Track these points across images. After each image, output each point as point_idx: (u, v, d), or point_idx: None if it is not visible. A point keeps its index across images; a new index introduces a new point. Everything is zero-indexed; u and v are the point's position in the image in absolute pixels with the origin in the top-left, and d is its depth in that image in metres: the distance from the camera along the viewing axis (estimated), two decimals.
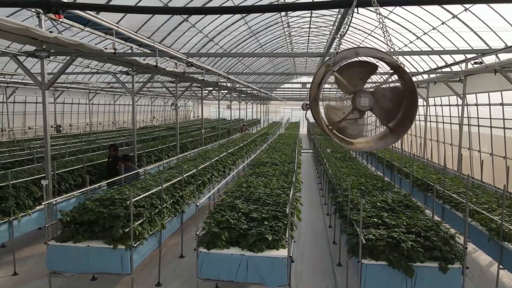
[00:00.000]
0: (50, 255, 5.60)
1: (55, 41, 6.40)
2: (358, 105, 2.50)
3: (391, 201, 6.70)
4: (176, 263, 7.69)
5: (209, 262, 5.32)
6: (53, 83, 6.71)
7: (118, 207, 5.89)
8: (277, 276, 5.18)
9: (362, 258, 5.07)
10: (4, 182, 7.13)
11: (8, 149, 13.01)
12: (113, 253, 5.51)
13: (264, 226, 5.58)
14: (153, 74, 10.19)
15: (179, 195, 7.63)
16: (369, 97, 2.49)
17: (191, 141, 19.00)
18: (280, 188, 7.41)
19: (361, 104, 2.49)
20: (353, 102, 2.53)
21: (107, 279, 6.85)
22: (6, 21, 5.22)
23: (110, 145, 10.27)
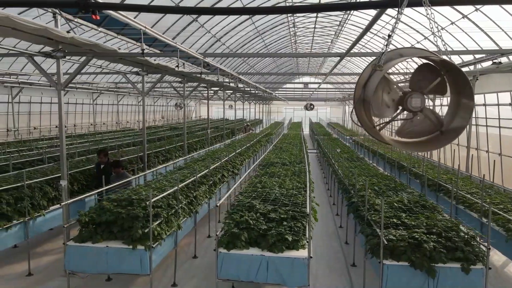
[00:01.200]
0: (68, 256, 5.59)
1: (71, 42, 6.40)
2: (409, 105, 2.48)
3: (407, 202, 6.68)
4: (190, 263, 7.68)
5: (228, 262, 5.31)
6: (69, 83, 6.70)
7: (136, 207, 5.88)
8: (298, 277, 5.17)
9: (383, 258, 5.06)
10: (19, 182, 7.12)
11: (17, 149, 13.01)
12: (132, 254, 5.50)
13: (283, 226, 5.57)
14: (163, 75, 10.17)
15: (193, 195, 7.62)
16: (421, 98, 2.48)
17: (197, 141, 19.00)
18: (295, 189, 7.40)
19: (413, 104, 2.47)
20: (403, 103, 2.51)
21: (123, 280, 6.85)
22: (26, 21, 5.21)
23: (100, 150, 9.15)
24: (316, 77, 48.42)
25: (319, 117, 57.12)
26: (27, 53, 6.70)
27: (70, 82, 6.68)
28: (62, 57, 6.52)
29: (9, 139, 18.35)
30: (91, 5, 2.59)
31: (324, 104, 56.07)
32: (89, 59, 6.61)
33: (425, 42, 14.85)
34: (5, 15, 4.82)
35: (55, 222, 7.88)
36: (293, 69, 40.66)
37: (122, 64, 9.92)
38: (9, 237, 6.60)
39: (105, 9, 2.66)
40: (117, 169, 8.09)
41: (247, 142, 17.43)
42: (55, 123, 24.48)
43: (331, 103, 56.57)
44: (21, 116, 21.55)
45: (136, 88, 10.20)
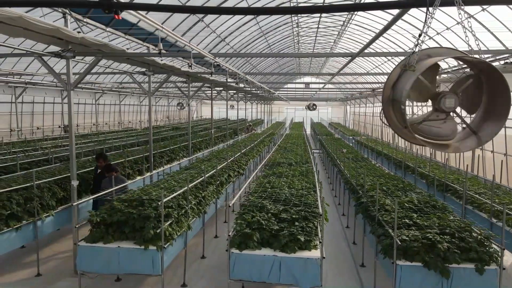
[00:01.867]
0: (80, 256, 5.59)
1: (81, 42, 6.39)
2: (443, 106, 2.47)
3: (417, 202, 6.67)
4: (198, 263, 7.67)
5: (241, 263, 5.30)
6: (78, 84, 6.70)
7: (147, 207, 5.87)
8: (310, 277, 5.17)
9: (396, 259, 5.05)
10: (28, 182, 7.11)
11: (22, 149, 13.00)
12: (144, 254, 5.49)
13: (295, 227, 5.56)
14: (169, 75, 10.16)
15: (201, 195, 7.61)
16: (455, 98, 2.47)
17: (200, 141, 19.00)
18: (304, 189, 7.39)
19: (446, 105, 2.46)
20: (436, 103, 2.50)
21: (132, 280, 6.84)
22: (39, 21, 5.20)
23: (98, 154, 8.80)
24: (318, 77, 48.45)
25: (320, 117, 57.08)
26: (37, 53, 6.69)
27: (80, 82, 6.67)
28: (72, 57, 6.51)
29: (12, 139, 18.34)
30: (114, 5, 2.58)
31: (325, 104, 56.07)
32: (99, 59, 6.60)
33: (430, 42, 14.83)
34: (18, 15, 4.81)
35: (63, 222, 7.88)
36: (295, 69, 40.64)
37: (128, 64, 9.89)
38: (19, 237, 6.59)
39: (128, 9, 2.67)
40: (109, 173, 7.69)
41: (250, 142, 17.42)
42: (57, 123, 24.49)
43: (332, 103, 56.57)
44: (24, 116, 21.55)
45: (142, 88, 10.18)
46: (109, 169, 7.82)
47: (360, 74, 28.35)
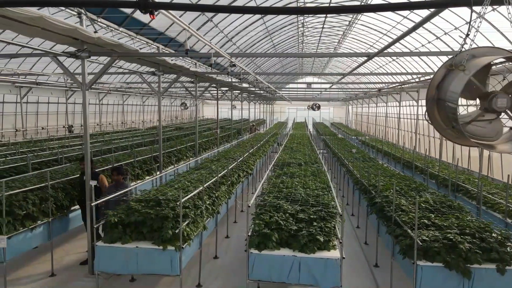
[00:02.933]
0: (98, 256, 5.58)
1: (96, 42, 6.38)
2: (495, 106, 2.46)
3: (432, 202, 6.66)
4: (211, 264, 7.66)
5: (260, 263, 5.29)
6: (93, 84, 6.69)
7: (164, 208, 5.86)
8: (330, 277, 5.16)
9: (417, 259, 5.04)
10: (42, 183, 7.11)
11: (29, 150, 12.99)
12: (163, 254, 5.49)
13: (313, 227, 5.56)
14: (179, 75, 10.15)
15: (215, 195, 7.61)
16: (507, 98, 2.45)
17: (206, 141, 19.01)
18: (319, 189, 7.38)
19: (498, 105, 2.45)
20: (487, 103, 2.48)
21: (146, 280, 6.84)
22: (58, 21, 5.20)
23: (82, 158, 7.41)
24: (319, 77, 48.44)
25: (322, 117, 57.05)
26: (52, 53, 6.68)
27: (95, 82, 6.66)
28: (87, 57, 6.50)
29: (17, 139, 18.34)
30: (150, 5, 2.57)
31: (327, 104, 56.04)
32: (114, 59, 6.59)
33: (437, 42, 14.83)
34: (39, 15, 4.80)
35: (76, 222, 7.88)
36: (297, 69, 40.63)
37: (137, 64, 9.88)
38: (34, 237, 6.59)
39: (163, 8, 2.66)
40: (117, 177, 6.97)
41: (256, 142, 17.41)
42: (61, 123, 24.49)
43: (334, 103, 56.55)
44: (29, 116, 21.55)
45: (152, 88, 10.18)
46: (119, 172, 7.11)
47: (364, 74, 28.28)
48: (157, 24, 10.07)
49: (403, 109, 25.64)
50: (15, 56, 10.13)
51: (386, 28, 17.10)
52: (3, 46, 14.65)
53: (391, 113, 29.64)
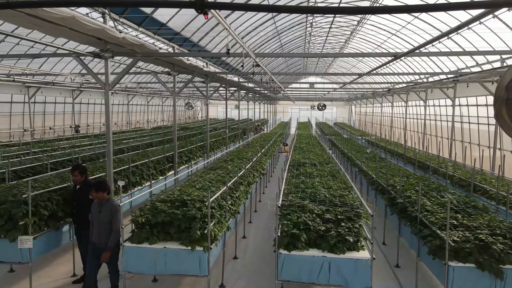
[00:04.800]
0: (126, 257, 5.57)
1: (121, 42, 6.38)
2: None
3: (456, 202, 6.65)
4: (232, 264, 7.65)
5: (290, 264, 5.28)
6: (116, 84, 6.68)
7: (191, 208, 5.85)
8: (361, 278, 5.15)
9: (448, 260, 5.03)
10: (62, 183, 7.10)
11: (41, 150, 12.99)
12: (191, 255, 5.48)
13: (341, 227, 5.55)
14: (194, 75, 10.14)
15: (235, 195, 7.60)
16: None
17: (214, 142, 18.99)
18: (341, 189, 7.37)
19: None
20: None
21: (169, 280, 6.83)
22: (87, 20, 5.19)
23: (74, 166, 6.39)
24: (323, 77, 48.41)
25: (325, 117, 57.06)
26: (76, 52, 6.67)
27: (118, 82, 6.65)
28: (111, 57, 6.50)
29: (26, 139, 18.33)
30: (207, 5, 2.57)
31: (330, 104, 56.04)
32: (138, 59, 6.59)
33: (447, 41, 14.80)
34: (71, 15, 4.80)
35: None
36: (301, 69, 40.62)
37: (152, 64, 9.87)
38: (58, 237, 6.60)
39: (218, 8, 2.64)
40: (98, 194, 5.57)
41: (265, 142, 17.40)
42: (68, 123, 24.50)
43: (337, 103, 56.55)
44: (36, 116, 21.55)
45: (166, 88, 10.16)
46: (99, 188, 5.59)
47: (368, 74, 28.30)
48: (174, 24, 10.07)
49: (410, 109, 25.63)
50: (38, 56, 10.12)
51: (396, 28, 17.07)
52: (12, 46, 14.68)
53: (397, 113, 29.63)
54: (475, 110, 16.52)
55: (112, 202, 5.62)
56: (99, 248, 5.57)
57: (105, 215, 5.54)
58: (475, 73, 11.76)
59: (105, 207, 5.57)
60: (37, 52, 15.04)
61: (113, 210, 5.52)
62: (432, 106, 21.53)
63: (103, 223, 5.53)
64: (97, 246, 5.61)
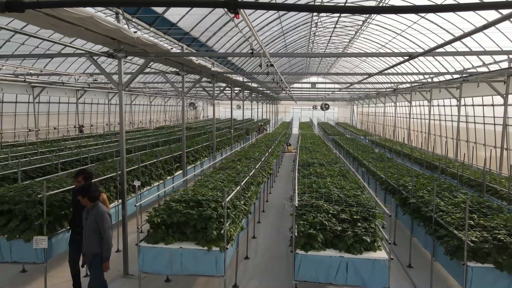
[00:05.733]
0: (142, 257, 5.56)
1: (135, 42, 6.37)
2: None
3: (470, 202, 6.63)
4: (244, 264, 7.64)
5: (307, 264, 5.27)
6: (130, 84, 6.67)
7: (206, 208, 5.85)
8: (378, 278, 5.14)
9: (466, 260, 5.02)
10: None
11: (48, 150, 12.98)
12: (208, 255, 5.46)
13: (358, 227, 5.54)
14: (202, 75, 10.14)
15: (247, 195, 7.60)
16: None
17: (219, 142, 18.98)
18: (354, 189, 7.36)
19: None
20: None
21: (181, 281, 6.82)
22: (105, 20, 5.18)
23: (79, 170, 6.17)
24: (325, 77, 48.43)
25: (326, 117, 57.05)
26: (90, 52, 6.66)
27: (131, 82, 6.64)
28: (124, 57, 6.48)
29: (31, 139, 18.33)
30: (240, 4, 2.56)
31: (331, 104, 55.99)
32: (151, 59, 6.57)
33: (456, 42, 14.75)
34: (90, 15, 4.79)
35: None
36: (304, 69, 40.64)
37: (161, 64, 9.87)
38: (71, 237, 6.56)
39: (252, 8, 2.64)
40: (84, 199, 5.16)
41: (271, 142, 17.39)
42: (72, 123, 24.52)
43: (339, 103, 56.54)
44: (40, 116, 21.55)
45: (175, 88, 10.15)
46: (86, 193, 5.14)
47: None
48: (184, 24, 10.07)
49: (413, 109, 25.61)
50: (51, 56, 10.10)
51: (401, 28, 17.06)
52: (17, 46, 14.68)
53: (400, 113, 29.62)
54: (481, 110, 16.51)
55: (97, 209, 5.11)
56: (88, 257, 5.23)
57: (90, 223, 5.09)
58: (486, 73, 11.74)
59: (91, 215, 5.12)
60: (42, 52, 15.09)
61: (97, 218, 5.05)
62: (436, 106, 21.51)
63: (87, 232, 5.11)
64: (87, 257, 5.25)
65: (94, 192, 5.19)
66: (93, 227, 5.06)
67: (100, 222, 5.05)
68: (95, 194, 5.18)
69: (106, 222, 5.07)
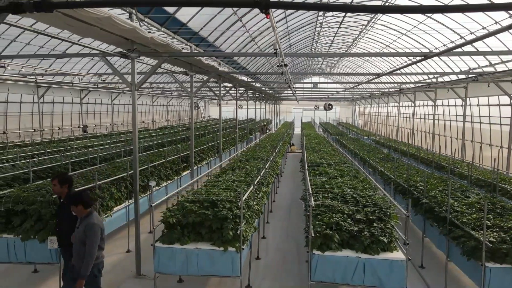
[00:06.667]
0: (158, 257, 5.56)
1: (147, 42, 6.36)
2: None
3: (483, 202, 6.62)
4: (255, 264, 7.62)
5: (323, 264, 5.27)
6: (142, 84, 6.66)
7: (221, 208, 5.83)
8: (396, 279, 5.14)
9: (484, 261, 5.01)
10: (88, 183, 7.09)
11: (55, 150, 12.98)
12: (224, 256, 5.46)
13: (374, 228, 5.53)
14: (211, 76, 10.13)
15: (259, 195, 7.59)
16: None
17: (223, 142, 18.96)
18: (367, 189, 7.35)
19: None
20: None
21: (194, 281, 6.80)
22: (122, 20, 5.17)
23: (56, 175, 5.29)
24: (326, 77, 48.41)
25: (328, 117, 57.04)
26: (103, 52, 6.65)
27: (144, 82, 6.64)
28: (137, 57, 6.47)
29: (36, 139, 18.31)
30: (271, 4, 2.55)
31: (333, 104, 55.96)
32: (164, 59, 6.57)
33: (460, 41, 14.75)
34: (108, 15, 4.78)
35: (119, 223, 7.86)
36: (306, 68, 40.63)
37: (170, 64, 9.87)
38: None
39: (283, 8, 2.61)
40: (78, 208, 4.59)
41: (276, 142, 17.38)
42: (75, 123, 24.50)
43: (340, 103, 56.53)
44: (44, 116, 21.54)
45: (184, 88, 10.14)
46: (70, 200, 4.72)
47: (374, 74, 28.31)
48: (193, 24, 10.07)
49: (417, 109, 25.59)
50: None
51: (407, 28, 17.04)
52: (22, 46, 14.69)
53: (403, 113, 29.60)
54: (487, 110, 16.49)
55: (89, 220, 4.55)
56: (76, 271, 4.57)
57: (79, 234, 4.56)
58: (496, 73, 11.71)
59: (82, 225, 4.57)
60: (46, 52, 15.08)
61: (87, 229, 4.48)
62: (440, 106, 21.50)
63: (76, 243, 4.58)
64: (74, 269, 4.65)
65: (88, 197, 4.65)
66: (82, 238, 4.51)
67: (89, 233, 4.46)
68: (89, 200, 4.63)
69: (94, 236, 4.47)
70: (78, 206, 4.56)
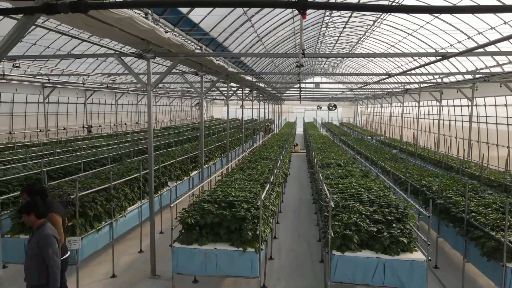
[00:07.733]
0: (176, 258, 5.55)
1: (163, 42, 6.35)
2: None
3: (500, 203, 6.62)
4: (269, 265, 7.57)
5: (343, 265, 5.26)
6: (158, 84, 6.66)
7: (239, 209, 5.83)
8: (416, 279, 5.13)
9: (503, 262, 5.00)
10: (102, 183, 7.09)
11: (63, 150, 12.97)
12: (243, 256, 5.45)
13: (393, 228, 5.52)
14: (221, 76, 10.12)
15: (273, 196, 7.58)
16: None
17: (229, 142, 18.96)
18: (382, 189, 7.34)
19: None
20: None
21: (209, 281, 6.79)
22: (142, 21, 5.16)
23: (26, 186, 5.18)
24: (328, 77, 48.38)
25: (330, 117, 57.00)
26: (119, 53, 6.64)
27: (160, 82, 6.63)
28: (153, 57, 6.47)
29: (41, 139, 18.30)
30: (309, 4, 2.54)
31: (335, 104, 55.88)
32: (180, 59, 6.56)
33: (468, 42, 14.76)
34: (129, 15, 4.78)
35: (132, 223, 7.86)
36: (309, 69, 40.62)
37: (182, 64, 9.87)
38: (100, 238, 6.58)
39: (321, 8, 2.63)
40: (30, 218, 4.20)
41: (281, 142, 17.37)
42: (80, 123, 24.50)
43: (342, 103, 56.49)
44: (49, 116, 21.53)
45: (194, 88, 10.14)
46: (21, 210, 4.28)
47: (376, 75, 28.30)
48: (205, 24, 10.08)
49: (422, 109, 25.58)
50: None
51: (413, 28, 17.02)
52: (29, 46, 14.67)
53: (407, 113, 29.58)
54: (493, 110, 16.47)
55: (42, 231, 4.14)
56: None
57: (31, 247, 4.18)
58: (507, 73, 11.68)
59: (35, 237, 4.18)
60: (52, 52, 15.07)
61: (40, 242, 4.10)
62: (446, 106, 21.48)
63: (28, 258, 4.20)
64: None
65: (42, 207, 4.24)
66: (34, 251, 4.12)
67: (43, 246, 4.07)
68: (43, 210, 4.23)
69: (50, 246, 4.08)
70: (31, 215, 4.15)
